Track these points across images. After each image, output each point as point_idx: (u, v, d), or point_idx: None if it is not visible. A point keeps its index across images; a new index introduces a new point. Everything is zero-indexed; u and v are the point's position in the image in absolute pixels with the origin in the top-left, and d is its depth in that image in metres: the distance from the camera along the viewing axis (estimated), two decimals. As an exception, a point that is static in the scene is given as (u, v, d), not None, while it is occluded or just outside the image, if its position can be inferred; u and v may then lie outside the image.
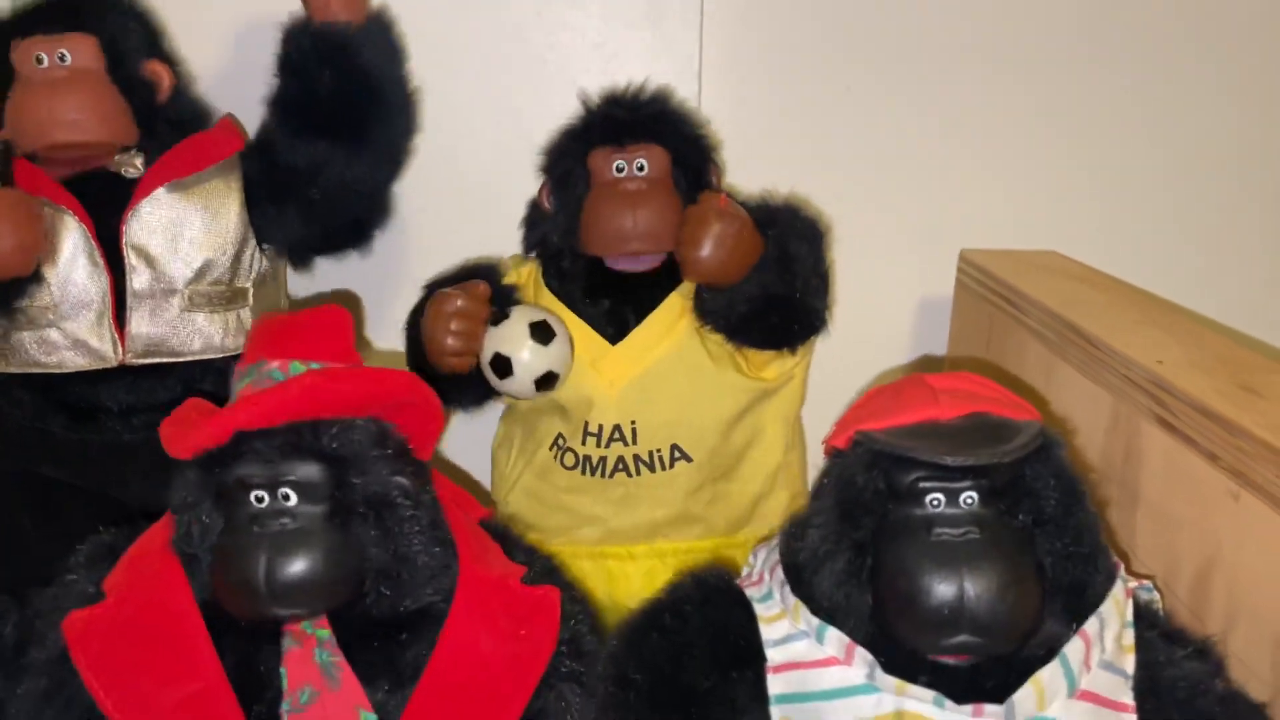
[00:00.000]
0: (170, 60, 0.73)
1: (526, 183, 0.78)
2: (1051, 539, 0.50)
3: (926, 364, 0.91)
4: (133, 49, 0.71)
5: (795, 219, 0.72)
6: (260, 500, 0.50)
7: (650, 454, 0.72)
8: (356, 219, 0.75)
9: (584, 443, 0.72)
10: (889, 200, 0.92)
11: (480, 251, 0.81)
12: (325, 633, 0.51)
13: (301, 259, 0.76)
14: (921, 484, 0.49)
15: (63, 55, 0.68)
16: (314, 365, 0.53)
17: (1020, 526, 0.50)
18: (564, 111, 0.79)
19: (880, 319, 0.92)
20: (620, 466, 0.72)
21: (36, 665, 0.52)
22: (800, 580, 0.52)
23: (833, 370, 0.83)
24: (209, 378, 0.72)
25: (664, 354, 0.72)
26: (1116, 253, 0.91)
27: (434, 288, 0.71)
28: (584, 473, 0.73)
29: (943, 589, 0.48)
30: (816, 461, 0.61)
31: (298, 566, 0.49)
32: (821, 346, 0.78)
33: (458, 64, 0.83)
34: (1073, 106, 0.94)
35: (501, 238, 0.80)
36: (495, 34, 0.86)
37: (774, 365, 0.75)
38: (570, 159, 0.74)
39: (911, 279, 0.93)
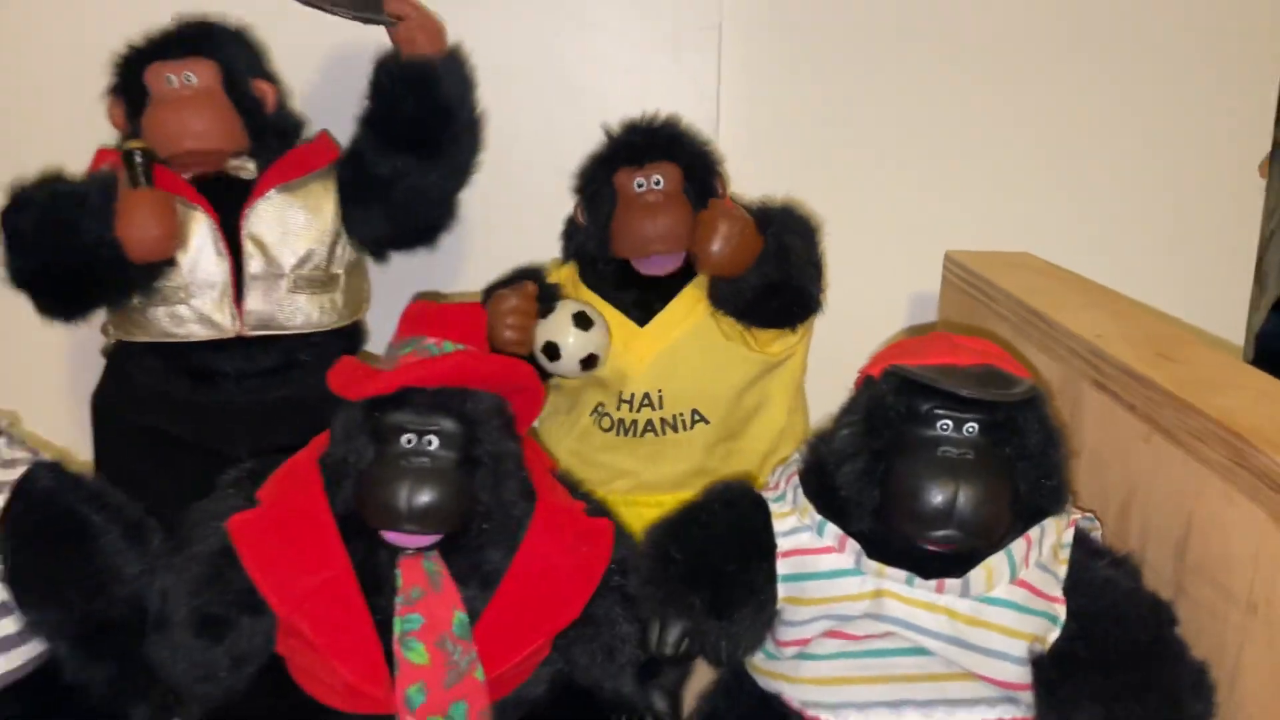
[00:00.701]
0: (272, 79, 0.85)
1: (567, 192, 0.91)
2: (1028, 471, 0.61)
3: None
4: (243, 70, 0.83)
5: (790, 218, 0.84)
6: (409, 441, 0.63)
7: (674, 416, 0.84)
8: (425, 224, 0.87)
9: (619, 409, 0.84)
10: (886, 208, 1.04)
11: (528, 251, 0.91)
12: (433, 549, 0.64)
13: (380, 253, 0.88)
14: (936, 410, 0.60)
15: (189, 76, 0.80)
16: (460, 346, 0.66)
17: (1006, 456, 0.60)
18: (583, 140, 0.89)
19: (877, 310, 1.03)
20: (649, 428, 0.85)
21: (198, 557, 0.64)
22: (823, 474, 0.63)
23: (837, 352, 0.89)
24: (306, 350, 0.84)
25: (684, 334, 0.84)
26: (1082, 253, 1.01)
27: (491, 290, 0.83)
28: (618, 434, 0.85)
29: (941, 493, 0.58)
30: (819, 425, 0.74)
31: (431, 496, 0.62)
32: (827, 332, 0.90)
33: (511, 92, 0.95)
34: (1049, 121, 1.04)
35: (547, 240, 0.92)
36: (541, 65, 0.98)
37: (778, 342, 0.87)
38: (598, 180, 0.85)
39: (904, 275, 1.04)
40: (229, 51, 0.82)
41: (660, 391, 0.83)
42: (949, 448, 0.60)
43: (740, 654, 0.65)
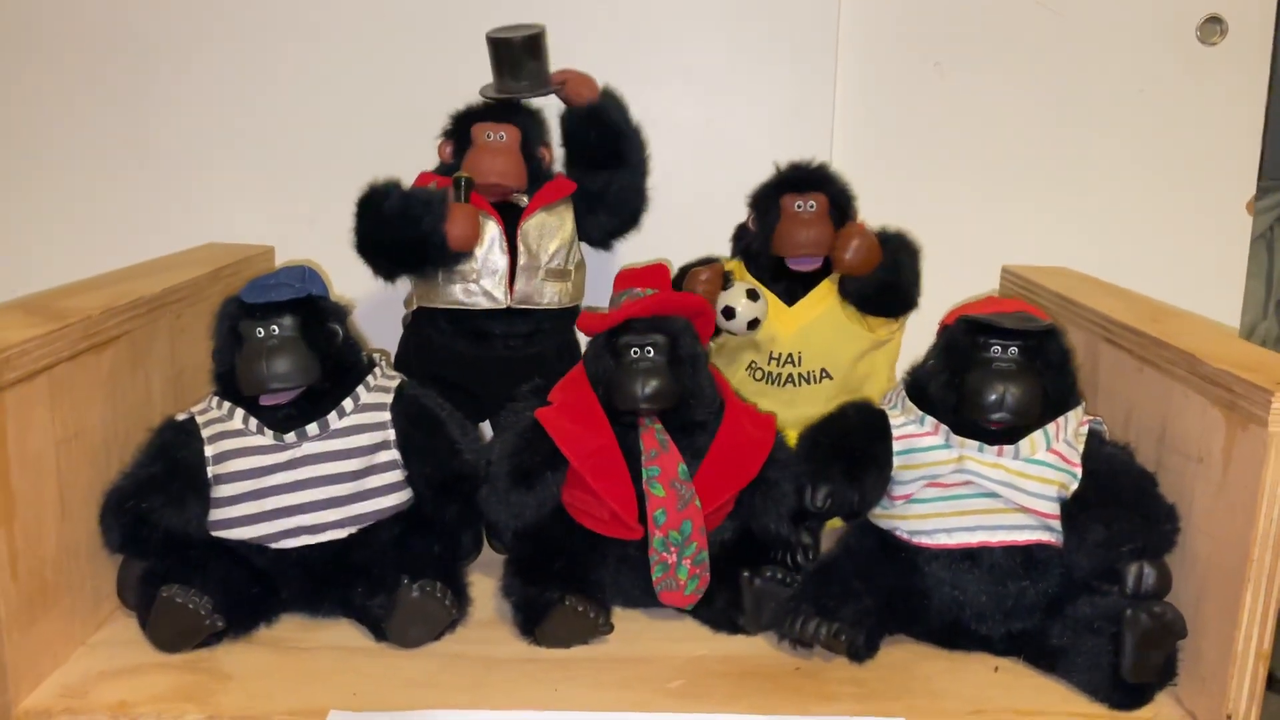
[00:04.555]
0: (549, 145, 1.17)
1: (728, 215, 1.21)
2: (1050, 375, 0.87)
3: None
4: (534, 137, 1.14)
5: (902, 239, 1.12)
6: (635, 352, 0.92)
7: (809, 373, 1.13)
8: (633, 211, 1.18)
9: (769, 364, 1.13)
10: (960, 233, 1.31)
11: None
12: (659, 425, 0.93)
13: (607, 244, 1.19)
14: (990, 340, 0.87)
15: (501, 135, 1.11)
16: (655, 291, 0.96)
17: (1036, 367, 0.87)
18: (734, 174, 1.20)
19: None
20: (789, 379, 1.14)
21: (517, 430, 0.94)
22: (920, 388, 0.93)
23: (923, 341, 1.08)
24: (547, 321, 1.14)
25: (819, 314, 1.12)
26: (1108, 267, 1.27)
27: (685, 269, 1.14)
28: (767, 384, 1.14)
29: (995, 391, 0.85)
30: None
31: (655, 386, 0.90)
32: (916, 327, 1.16)
33: (665, 141, 1.25)
34: (1092, 165, 1.30)
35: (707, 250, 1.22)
36: (691, 122, 1.29)
37: (884, 328, 1.15)
38: (769, 199, 1.14)
39: (970, 283, 1.29)
40: (528, 122, 1.15)
41: (800, 353, 1.13)
42: (999, 363, 0.88)
43: (866, 507, 0.94)
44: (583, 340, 1.20)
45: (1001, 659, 0.90)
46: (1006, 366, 0.89)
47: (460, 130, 1.15)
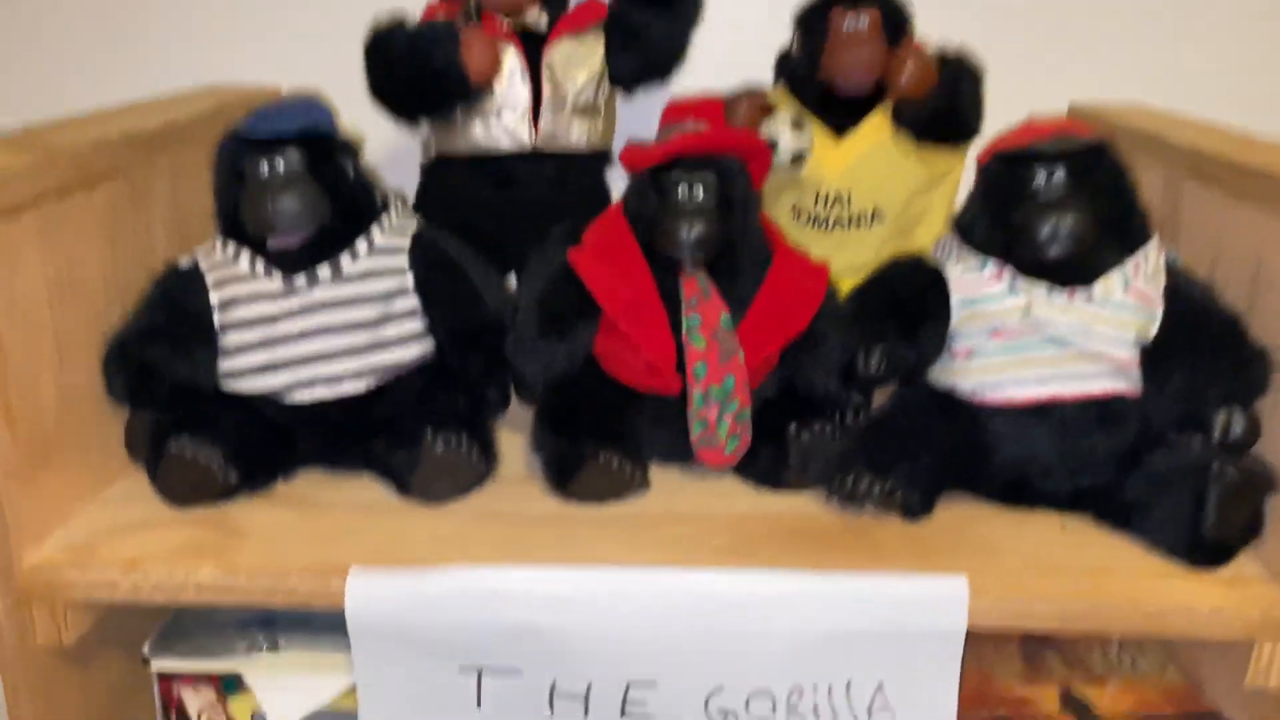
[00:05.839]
0: None
1: (769, 45, 1.12)
2: (1103, 196, 0.81)
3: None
4: None
5: (962, 60, 1.03)
6: (682, 193, 0.85)
7: (858, 214, 1.06)
8: (668, 61, 1.08)
9: (815, 205, 1.06)
10: (1025, 68, 1.20)
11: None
12: (703, 272, 0.86)
13: (629, 86, 1.10)
14: (1030, 170, 0.80)
15: None
16: (708, 126, 0.89)
17: (1086, 189, 0.81)
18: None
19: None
20: (838, 222, 1.06)
21: (545, 278, 0.88)
22: (966, 233, 0.86)
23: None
24: (575, 164, 1.07)
25: (869, 148, 1.04)
26: (1189, 103, 1.18)
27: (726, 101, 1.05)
28: (813, 227, 1.07)
29: (1046, 223, 0.79)
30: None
31: (703, 229, 0.83)
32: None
33: None
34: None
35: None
36: None
37: (940, 162, 1.06)
38: (816, 16, 1.04)
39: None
40: None
41: (849, 191, 1.05)
42: (1045, 193, 0.81)
43: (924, 366, 0.88)
44: (614, 186, 1.12)
45: (1068, 515, 0.84)
46: (1054, 196, 0.80)
47: None
